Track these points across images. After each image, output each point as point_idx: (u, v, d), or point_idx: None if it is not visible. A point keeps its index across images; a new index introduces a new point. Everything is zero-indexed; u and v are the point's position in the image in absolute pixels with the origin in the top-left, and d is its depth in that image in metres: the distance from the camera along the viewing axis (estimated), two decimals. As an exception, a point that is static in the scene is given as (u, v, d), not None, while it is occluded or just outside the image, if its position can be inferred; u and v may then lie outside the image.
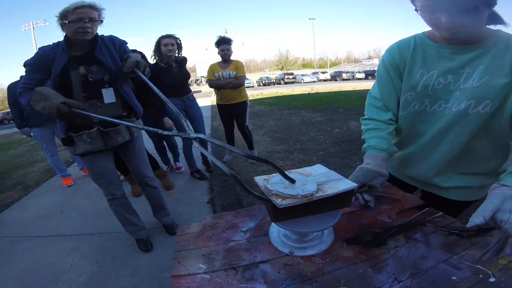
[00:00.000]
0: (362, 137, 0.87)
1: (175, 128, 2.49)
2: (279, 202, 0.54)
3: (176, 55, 2.54)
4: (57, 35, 1.51)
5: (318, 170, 0.67)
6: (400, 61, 0.78)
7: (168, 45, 2.40)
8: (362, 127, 0.89)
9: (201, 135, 0.73)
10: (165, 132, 0.80)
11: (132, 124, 0.89)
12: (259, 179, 0.65)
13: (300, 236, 0.62)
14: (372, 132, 0.84)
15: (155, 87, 1.09)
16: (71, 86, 1.35)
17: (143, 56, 2.62)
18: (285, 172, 0.63)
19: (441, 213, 0.70)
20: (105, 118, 1.00)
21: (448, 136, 0.76)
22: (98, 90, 1.42)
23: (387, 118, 0.84)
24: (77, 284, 1.59)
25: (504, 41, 0.65)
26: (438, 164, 0.81)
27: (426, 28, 0.78)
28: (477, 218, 0.55)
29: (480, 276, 0.52)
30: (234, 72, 2.85)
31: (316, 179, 0.62)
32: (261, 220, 0.75)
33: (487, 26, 0.67)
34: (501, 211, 0.55)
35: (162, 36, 2.44)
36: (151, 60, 2.58)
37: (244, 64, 2.99)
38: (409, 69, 0.77)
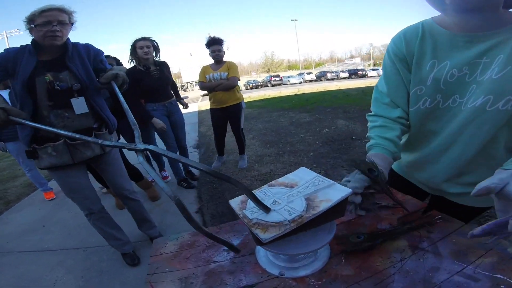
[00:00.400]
0: (368, 134, 0.77)
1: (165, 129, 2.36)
2: (262, 236, 0.45)
3: (155, 58, 2.44)
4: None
5: (303, 177, 0.58)
6: (407, 51, 0.68)
7: (143, 48, 2.30)
8: (368, 124, 0.78)
9: (150, 147, 0.65)
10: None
11: (89, 139, 0.77)
12: (235, 203, 0.56)
13: (290, 256, 0.53)
14: (379, 130, 0.73)
15: (122, 98, 1.02)
16: (36, 93, 1.24)
17: (117, 62, 2.53)
18: (267, 184, 0.54)
19: (441, 215, 0.63)
20: (54, 130, 0.86)
21: (460, 137, 0.65)
22: (66, 99, 1.30)
23: (395, 115, 0.73)
24: None
25: None
26: (448, 169, 0.70)
27: (410, 22, 0.69)
28: (485, 182, 0.46)
29: (502, 287, 0.45)
30: (226, 73, 2.74)
31: (303, 191, 0.53)
32: (246, 236, 0.66)
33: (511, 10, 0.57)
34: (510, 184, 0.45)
35: (137, 39, 2.34)
36: (129, 64, 2.47)
37: (237, 65, 2.89)
38: (418, 60, 0.67)
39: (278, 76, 32.52)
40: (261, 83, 30.59)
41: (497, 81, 0.57)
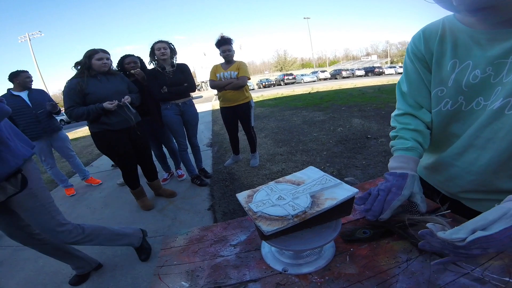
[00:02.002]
0: (398, 134, 0.73)
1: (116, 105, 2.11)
2: (265, 228, 0.46)
3: (172, 59, 2.56)
4: (54, 46, 1.47)
5: (311, 175, 0.59)
6: (426, 51, 0.65)
7: (160, 49, 2.43)
8: (397, 124, 0.74)
9: None
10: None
11: None
12: (242, 197, 0.57)
13: (294, 252, 0.53)
14: (413, 133, 0.70)
15: None
16: None
17: (141, 60, 2.67)
18: (274, 181, 0.55)
19: (449, 211, 0.60)
20: None
21: (476, 140, 0.61)
22: None
23: (426, 119, 0.70)
24: None
25: None
26: (464, 174, 0.66)
27: (430, 19, 0.65)
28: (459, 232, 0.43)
29: (510, 291, 0.43)
30: (236, 73, 2.79)
31: (309, 189, 0.54)
32: (253, 233, 0.67)
33: None
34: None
35: (155, 42, 2.49)
36: (149, 66, 2.63)
37: (247, 64, 2.92)
38: (437, 60, 0.63)
39: (291, 74, 32.22)
40: (274, 82, 30.42)
41: None
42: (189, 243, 0.67)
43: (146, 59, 2.64)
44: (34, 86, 2.81)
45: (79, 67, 2.06)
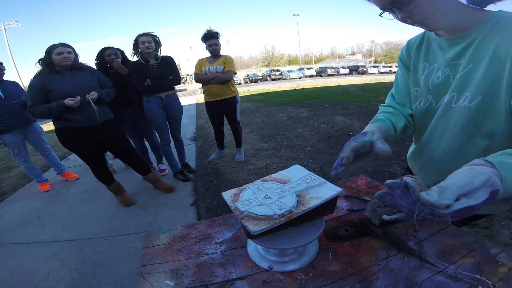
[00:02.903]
0: (376, 115, 0.82)
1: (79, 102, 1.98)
2: (252, 228, 0.46)
3: (157, 52, 2.47)
4: (32, 37, 1.38)
5: (296, 174, 0.60)
6: (407, 56, 0.77)
7: (145, 43, 2.34)
8: (379, 110, 0.84)
9: None
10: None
11: None
12: (228, 195, 0.56)
13: (279, 250, 0.54)
14: (389, 114, 0.79)
15: None
16: None
17: (122, 52, 2.56)
18: (260, 179, 0.55)
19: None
20: None
21: (436, 131, 0.71)
22: None
23: (406, 112, 0.80)
24: None
25: (491, 23, 0.56)
26: (428, 165, 0.76)
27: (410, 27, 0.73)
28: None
29: (480, 287, 0.46)
30: (222, 67, 2.75)
31: (295, 188, 0.55)
32: (238, 230, 0.67)
33: (484, 8, 0.59)
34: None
35: (139, 34, 2.40)
36: (132, 58, 2.53)
37: (233, 59, 2.87)
38: (414, 64, 0.75)
39: (278, 70, 32.24)
40: (261, 77, 30.38)
41: (459, 78, 0.61)
42: (172, 241, 0.66)
43: (130, 51, 2.53)
44: (8, 78, 2.66)
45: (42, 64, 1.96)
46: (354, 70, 30.03)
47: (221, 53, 2.83)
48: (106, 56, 2.46)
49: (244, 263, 0.57)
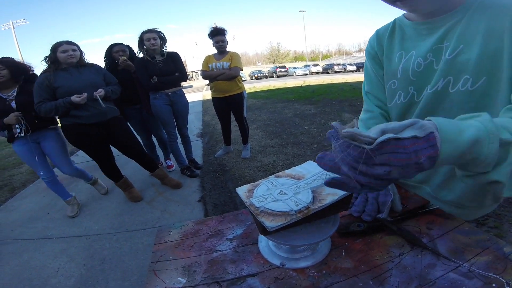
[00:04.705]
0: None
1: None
2: (268, 224, 0.46)
3: (162, 48, 2.49)
4: (40, 34, 1.40)
5: (310, 170, 0.59)
6: (378, 47, 0.71)
7: (150, 40, 2.36)
8: (361, 116, 0.82)
9: None
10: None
11: None
12: (242, 191, 0.56)
13: (293, 247, 0.54)
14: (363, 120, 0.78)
15: None
16: None
17: (130, 49, 2.59)
18: (274, 175, 0.55)
19: (437, 206, 0.65)
20: None
21: None
22: None
23: (382, 110, 0.76)
24: (65, 287, 1.55)
25: (476, 2, 0.54)
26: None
27: None
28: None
29: (494, 285, 0.46)
30: (228, 63, 2.75)
31: (310, 184, 0.54)
32: (249, 226, 0.68)
33: None
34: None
35: (143, 31, 2.41)
36: (138, 55, 2.56)
37: (240, 55, 2.88)
38: (387, 54, 0.69)
39: (284, 67, 32.07)
40: (267, 74, 30.24)
41: (450, 62, 0.56)
42: (183, 237, 0.67)
43: (136, 47, 2.55)
44: None
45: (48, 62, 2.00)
46: (361, 67, 29.60)
47: (227, 49, 2.83)
48: (114, 52, 2.48)
49: (256, 259, 0.57)
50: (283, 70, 30.42)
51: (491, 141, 0.35)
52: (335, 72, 28.67)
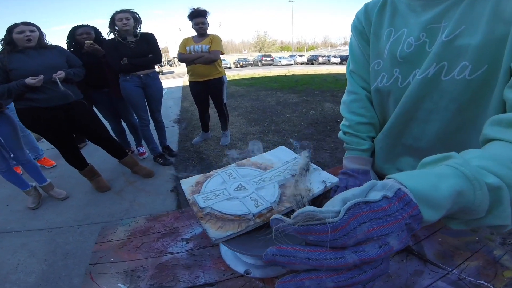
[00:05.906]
0: (348, 130, 0.72)
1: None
2: (213, 233, 0.34)
3: (136, 29, 2.29)
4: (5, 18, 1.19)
5: (282, 157, 0.48)
6: (366, 22, 0.62)
7: (122, 20, 2.16)
8: (348, 115, 0.73)
9: None
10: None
11: None
12: (187, 184, 0.44)
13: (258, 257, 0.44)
14: (367, 127, 0.69)
15: None
16: None
17: (96, 31, 2.37)
18: (235, 163, 0.44)
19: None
20: None
21: (417, 114, 0.56)
22: None
23: (367, 92, 0.68)
24: (26, 284, 1.45)
25: None
26: (409, 156, 0.63)
27: None
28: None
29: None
30: (208, 46, 2.56)
31: (278, 176, 0.44)
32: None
33: None
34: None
35: (116, 11, 2.22)
36: (108, 36, 2.35)
37: (221, 38, 2.69)
38: (375, 30, 0.61)
39: (269, 56, 31.76)
40: (252, 62, 29.89)
41: (449, 44, 0.48)
42: (131, 236, 0.56)
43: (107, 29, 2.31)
44: None
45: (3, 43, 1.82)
46: (345, 59, 29.95)
47: (208, 32, 2.65)
48: (78, 35, 2.24)
49: (215, 265, 0.47)
50: (268, 59, 30.10)
51: (477, 188, 0.27)
52: (320, 63, 28.78)
